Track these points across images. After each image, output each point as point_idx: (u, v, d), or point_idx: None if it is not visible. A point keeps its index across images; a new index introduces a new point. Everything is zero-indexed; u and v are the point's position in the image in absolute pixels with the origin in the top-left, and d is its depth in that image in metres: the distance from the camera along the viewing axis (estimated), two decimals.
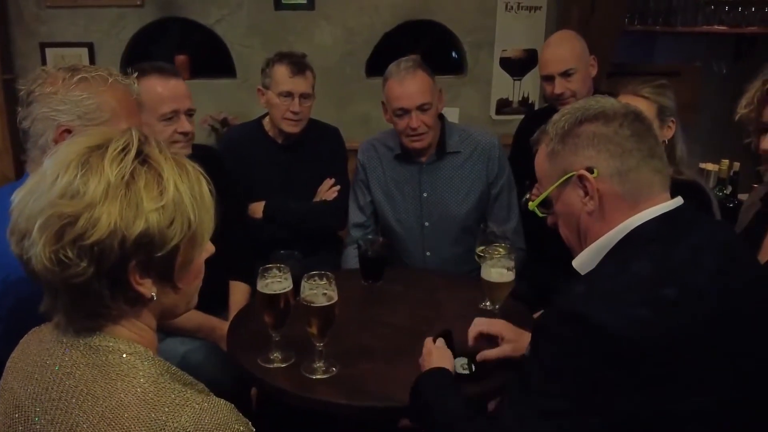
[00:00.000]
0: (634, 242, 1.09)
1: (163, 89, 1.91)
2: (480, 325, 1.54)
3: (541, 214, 1.25)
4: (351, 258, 2.28)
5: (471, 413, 1.18)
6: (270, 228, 2.36)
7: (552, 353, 1.01)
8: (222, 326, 1.91)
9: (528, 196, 2.38)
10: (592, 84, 2.35)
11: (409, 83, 2.14)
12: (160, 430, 0.83)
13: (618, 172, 1.11)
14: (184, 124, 1.94)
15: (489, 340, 1.52)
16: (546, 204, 1.21)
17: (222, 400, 0.88)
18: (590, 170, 1.12)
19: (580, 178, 1.13)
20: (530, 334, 1.49)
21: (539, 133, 1.21)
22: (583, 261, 1.16)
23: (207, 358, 1.87)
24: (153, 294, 0.91)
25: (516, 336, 1.51)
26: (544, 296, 2.27)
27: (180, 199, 0.89)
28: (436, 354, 1.42)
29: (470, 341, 1.52)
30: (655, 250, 1.06)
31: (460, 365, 1.47)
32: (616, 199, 1.11)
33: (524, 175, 2.35)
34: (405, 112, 2.15)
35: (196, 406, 0.85)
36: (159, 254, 0.88)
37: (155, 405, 0.84)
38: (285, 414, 1.75)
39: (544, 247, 2.35)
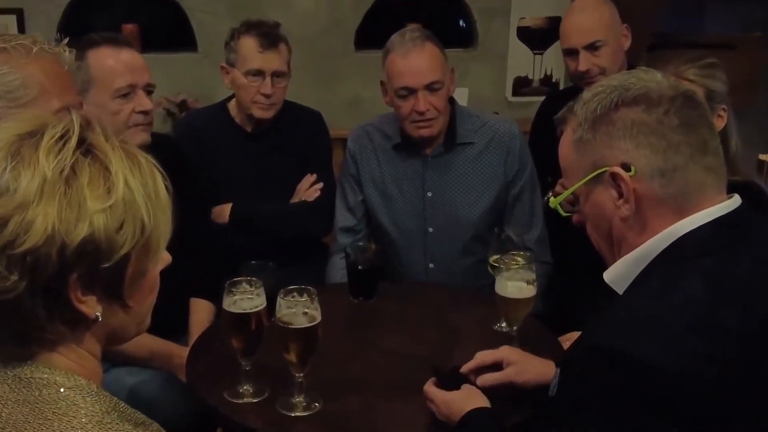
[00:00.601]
0: (682, 254, 1.09)
1: (115, 62, 1.92)
2: (479, 358, 1.55)
3: (564, 213, 1.26)
4: (337, 270, 2.29)
5: None
6: (238, 235, 2.36)
7: (585, 398, 1.02)
8: (180, 353, 1.91)
9: (550, 195, 2.40)
10: (625, 59, 2.36)
11: (415, 57, 2.14)
12: None
13: (661, 171, 1.11)
14: (143, 101, 1.95)
15: (492, 370, 1.54)
16: (571, 200, 1.22)
17: None
18: (626, 167, 1.11)
19: (613, 176, 1.12)
20: (537, 360, 1.54)
21: (566, 112, 1.20)
22: (617, 274, 1.16)
23: (162, 392, 1.87)
24: (98, 314, 0.91)
25: (520, 358, 1.54)
26: (570, 316, 2.30)
27: (131, 197, 0.90)
28: (458, 396, 1.43)
29: (467, 373, 1.54)
30: (710, 265, 1.06)
31: None
32: (657, 203, 1.11)
33: (545, 171, 2.37)
34: (410, 92, 2.16)
35: None
36: (106, 265, 0.88)
37: None
38: None
39: (570, 257, 2.37)
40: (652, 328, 1.00)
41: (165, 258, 0.98)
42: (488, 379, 1.51)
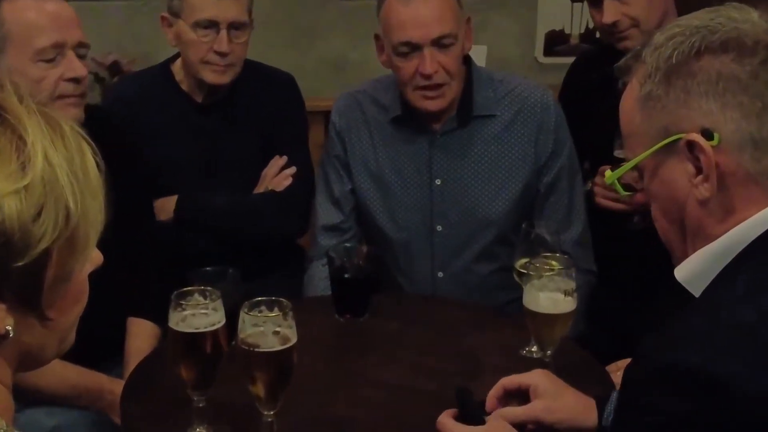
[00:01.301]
0: None
1: (37, 15, 1.93)
2: (500, 384, 1.56)
3: (623, 192, 1.26)
4: (319, 279, 2.29)
5: None
6: (187, 236, 2.37)
7: (649, 428, 1.03)
8: (113, 387, 1.91)
9: (589, 185, 2.43)
10: (671, 4, 2.37)
11: (420, 3, 2.16)
12: None
13: (753, 140, 1.11)
14: (74, 65, 1.95)
15: (520, 399, 1.54)
16: (634, 176, 1.23)
17: None
18: (707, 135, 1.12)
19: (690, 145, 1.13)
20: (574, 394, 1.53)
21: (631, 59, 1.21)
22: (692, 272, 1.17)
23: None
24: (8, 328, 0.91)
25: (554, 389, 1.53)
26: (620, 340, 2.31)
27: (53, 176, 0.90)
28: None
29: (489, 405, 1.54)
30: None
31: None
32: (746, 182, 1.12)
33: (580, 155, 2.39)
34: (413, 48, 2.17)
35: None
36: (19, 264, 0.88)
37: None
38: None
39: (618, 264, 2.39)
40: (740, 342, 1.01)
41: (95, 258, 0.99)
42: (508, 414, 1.51)
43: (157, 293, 2.06)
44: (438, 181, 2.30)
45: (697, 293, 1.16)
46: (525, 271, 1.86)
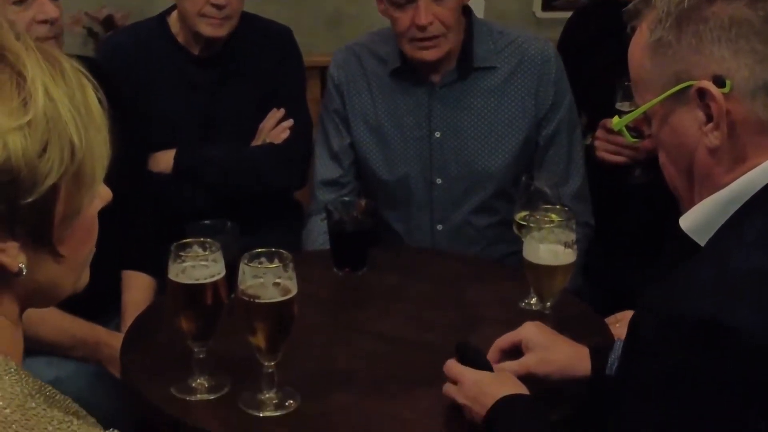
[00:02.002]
0: None
1: None
2: (499, 342, 1.57)
3: (631, 139, 1.25)
4: (317, 234, 2.29)
5: None
6: (185, 190, 2.36)
7: (663, 380, 1.02)
8: (111, 341, 1.92)
9: (589, 139, 2.43)
10: None
11: None
12: None
13: (766, 87, 1.11)
14: (46, 8, 1.94)
15: (515, 356, 1.56)
16: (640, 122, 1.22)
17: None
18: (719, 82, 1.11)
19: (701, 92, 1.12)
20: (567, 344, 1.54)
21: (640, 3, 1.20)
22: (698, 221, 1.16)
23: (89, 390, 1.88)
24: (21, 265, 0.92)
25: (545, 340, 1.54)
26: (618, 294, 2.31)
27: (55, 111, 0.90)
28: (490, 377, 1.44)
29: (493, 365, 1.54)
30: None
31: None
32: (758, 131, 1.12)
33: (578, 107, 2.38)
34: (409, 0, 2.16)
35: None
36: (28, 200, 0.89)
37: None
38: None
39: (617, 219, 2.39)
40: (751, 289, 1.00)
41: (104, 193, 1.00)
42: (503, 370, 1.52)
43: (153, 246, 2.09)
44: (437, 134, 2.29)
45: (702, 242, 1.16)
46: (525, 224, 1.86)
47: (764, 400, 0.97)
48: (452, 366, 1.49)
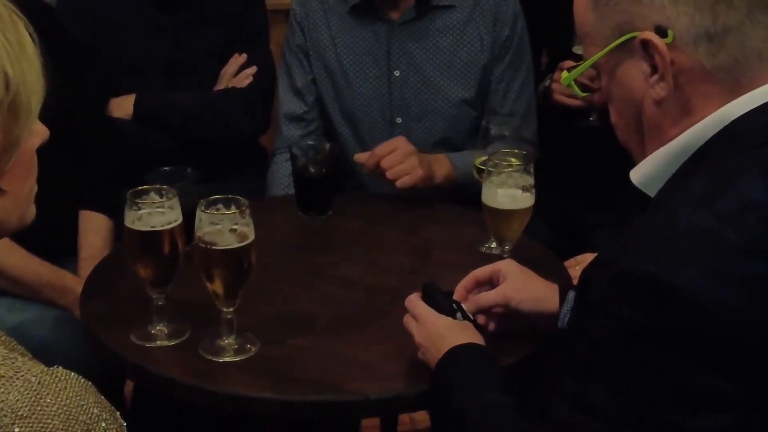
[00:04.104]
0: (736, 143, 1.08)
1: None
2: (476, 271, 1.58)
3: (580, 94, 1.25)
4: (281, 176, 2.30)
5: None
6: (146, 135, 2.35)
7: (612, 336, 1.02)
8: (76, 287, 1.91)
9: (548, 82, 2.41)
10: None
11: None
12: None
13: (707, 34, 1.09)
14: None
15: (489, 289, 1.56)
16: (591, 76, 1.21)
17: (74, 373, 0.91)
18: (662, 32, 1.09)
19: (645, 44, 1.10)
20: (540, 280, 1.56)
21: None
22: (648, 174, 1.16)
23: (54, 335, 1.89)
24: None
25: (521, 272, 1.55)
26: (577, 237, 2.32)
27: None
28: (448, 324, 1.44)
29: (458, 295, 1.56)
30: None
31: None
32: (703, 79, 1.10)
33: (537, 44, 2.36)
34: None
35: (33, 379, 0.87)
36: None
37: None
38: (175, 417, 1.78)
39: (573, 162, 2.39)
40: (697, 248, 0.99)
41: (41, 131, 1.00)
42: (480, 298, 1.53)
43: (110, 187, 2.11)
44: (397, 73, 2.28)
45: (653, 194, 1.15)
46: (484, 168, 1.85)
47: (712, 357, 0.98)
48: (415, 302, 1.49)
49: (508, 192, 1.75)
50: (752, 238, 0.99)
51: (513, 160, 1.83)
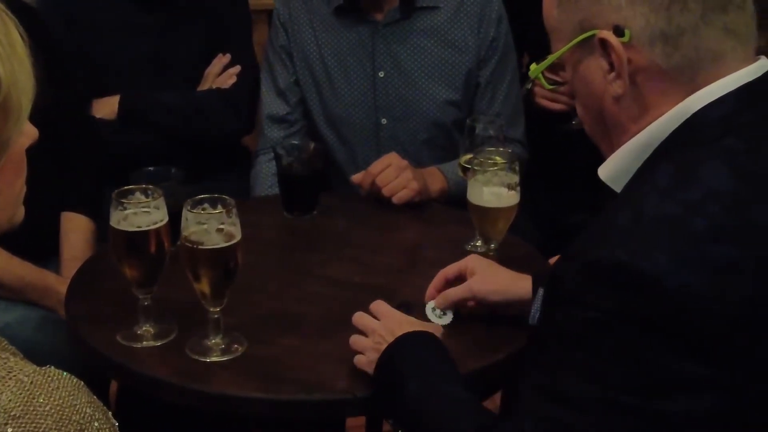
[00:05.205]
0: (697, 136, 1.10)
1: None
2: (445, 270, 1.61)
3: (547, 86, 1.26)
4: (265, 176, 2.29)
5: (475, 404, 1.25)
6: (130, 135, 2.34)
7: (583, 327, 1.03)
8: (60, 287, 1.91)
9: (529, 84, 2.42)
10: None
11: None
12: None
13: (663, 35, 1.10)
14: None
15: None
16: (555, 69, 1.24)
17: (66, 373, 0.91)
18: (618, 31, 1.11)
19: (603, 42, 1.12)
20: (507, 271, 1.58)
21: None
22: (614, 169, 1.18)
23: (38, 335, 1.88)
24: None
25: (488, 266, 1.59)
26: (561, 237, 2.32)
27: None
28: (410, 320, 1.45)
29: (428, 296, 1.59)
30: (735, 148, 1.07)
31: (431, 309, 1.58)
32: (659, 78, 1.12)
33: (519, 48, 2.37)
34: None
35: (25, 379, 0.86)
36: None
37: None
38: (160, 418, 1.77)
39: (559, 162, 2.40)
40: (664, 235, 1.01)
41: (31, 131, 1.00)
42: (449, 293, 1.57)
43: (93, 189, 2.11)
44: (381, 74, 2.29)
45: (619, 190, 1.17)
46: (469, 167, 1.86)
47: (683, 342, 0.99)
48: (378, 303, 1.50)
49: (494, 190, 1.75)
50: (717, 224, 1.01)
51: (498, 158, 1.83)
